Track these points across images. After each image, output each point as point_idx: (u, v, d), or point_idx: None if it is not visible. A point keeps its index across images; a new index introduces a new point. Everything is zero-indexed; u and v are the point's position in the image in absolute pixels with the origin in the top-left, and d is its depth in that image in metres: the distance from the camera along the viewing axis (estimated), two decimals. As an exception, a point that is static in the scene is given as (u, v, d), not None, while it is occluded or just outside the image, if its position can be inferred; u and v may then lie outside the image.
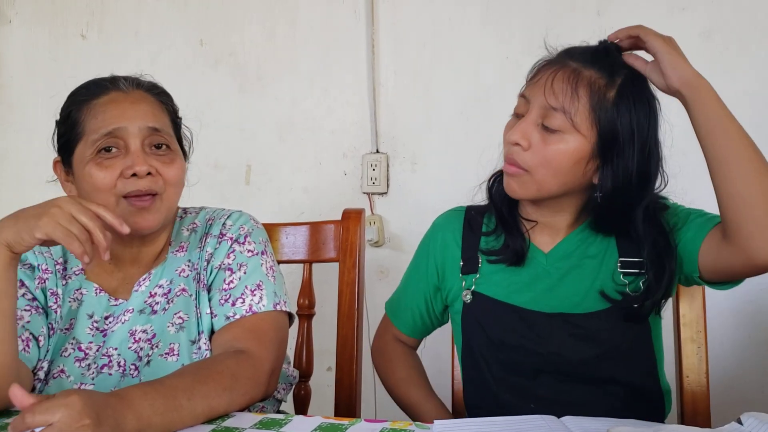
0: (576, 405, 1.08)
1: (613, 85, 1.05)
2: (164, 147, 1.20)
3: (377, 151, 2.16)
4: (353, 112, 2.18)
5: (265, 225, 1.49)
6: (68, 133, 1.20)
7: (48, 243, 1.02)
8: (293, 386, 1.38)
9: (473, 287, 1.18)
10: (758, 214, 0.95)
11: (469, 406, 1.22)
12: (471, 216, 1.24)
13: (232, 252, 1.25)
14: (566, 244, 1.16)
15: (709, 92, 0.99)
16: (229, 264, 1.24)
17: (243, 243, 1.26)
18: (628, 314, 1.10)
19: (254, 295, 1.21)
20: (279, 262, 1.50)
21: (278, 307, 1.22)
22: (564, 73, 1.05)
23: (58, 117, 1.24)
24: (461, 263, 1.21)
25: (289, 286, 1.55)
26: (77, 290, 1.22)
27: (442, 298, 1.26)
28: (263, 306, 1.20)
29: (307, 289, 1.50)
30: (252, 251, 1.26)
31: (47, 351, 1.18)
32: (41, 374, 1.16)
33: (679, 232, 1.10)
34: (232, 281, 1.22)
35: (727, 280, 1.07)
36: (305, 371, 1.47)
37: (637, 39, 1.05)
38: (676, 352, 1.31)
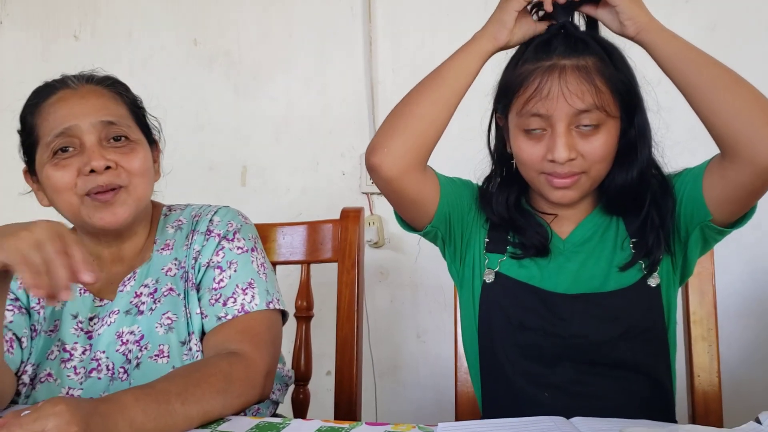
0: (592, 396, 1.07)
1: (606, 57, 1.06)
2: (123, 138, 1.16)
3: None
4: (351, 111, 2.15)
5: (261, 225, 1.45)
6: (27, 140, 1.18)
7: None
8: (288, 387, 1.35)
9: (497, 268, 1.15)
10: (748, 119, 0.95)
11: (482, 394, 1.19)
12: None
13: (221, 249, 1.21)
14: (582, 229, 1.15)
15: (663, 32, 1.01)
16: (218, 262, 1.20)
17: (232, 240, 1.22)
18: (644, 268, 1.10)
19: (246, 294, 1.17)
20: (276, 263, 1.47)
21: (271, 306, 1.19)
22: (573, 75, 1.03)
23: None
24: (486, 240, 1.17)
25: (287, 288, 1.51)
26: None
27: (468, 247, 1.19)
28: (255, 305, 1.17)
29: (304, 291, 1.46)
30: (242, 248, 1.22)
31: (30, 353, 1.15)
32: (26, 378, 1.13)
33: (676, 188, 1.10)
34: (222, 280, 1.19)
35: (740, 210, 1.05)
36: (304, 375, 1.44)
37: None
38: (686, 351, 1.28)
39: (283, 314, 1.25)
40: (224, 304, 1.16)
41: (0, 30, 2.45)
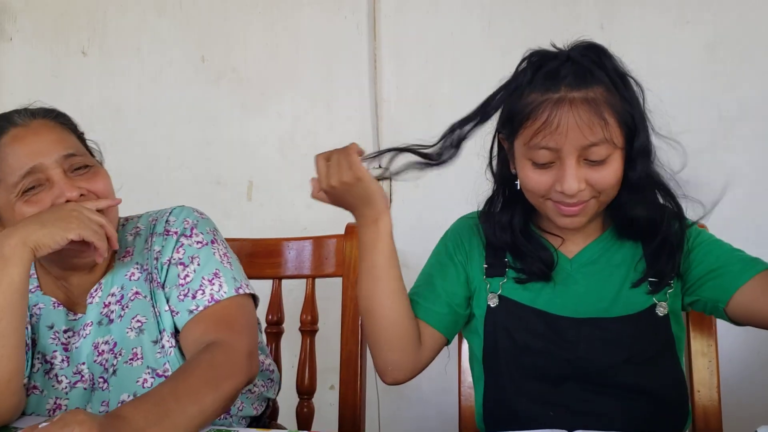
0: (597, 416, 1.07)
1: (612, 86, 1.04)
2: (84, 167, 1.19)
3: (379, 167, 2.14)
4: (356, 128, 2.17)
5: (267, 240, 1.47)
6: None
7: (71, 245, 1.08)
8: (275, 382, 1.35)
9: (500, 291, 1.16)
10: None
11: (484, 415, 1.20)
12: None
13: (180, 246, 1.23)
14: (590, 250, 1.16)
15: None
16: (179, 259, 1.22)
17: (189, 236, 1.24)
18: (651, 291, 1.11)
19: (213, 284, 1.19)
20: (281, 278, 1.48)
21: (240, 291, 1.21)
22: (582, 108, 1.01)
23: None
24: (485, 266, 1.18)
25: (292, 302, 1.53)
26: (34, 306, 1.22)
27: (471, 290, 1.21)
28: (225, 293, 1.19)
29: (309, 305, 1.48)
30: (201, 242, 1.24)
31: (27, 366, 1.17)
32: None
33: (721, 256, 1.10)
34: (187, 275, 1.20)
35: (757, 325, 1.08)
36: (308, 388, 1.45)
37: None
38: (686, 366, 1.29)
39: (255, 299, 1.26)
40: (193, 297, 1.18)
41: (10, 45, 2.48)
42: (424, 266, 1.27)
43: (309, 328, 1.47)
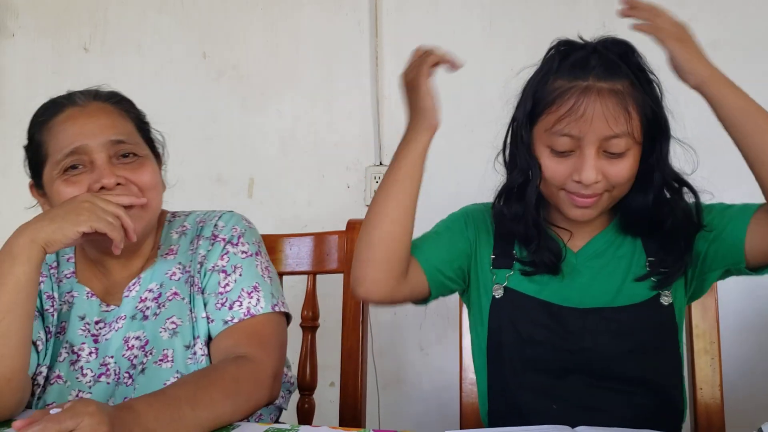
0: (600, 410, 1.07)
1: (637, 82, 1.05)
2: (131, 155, 1.18)
3: (381, 164, 2.15)
4: (356, 125, 2.17)
5: (268, 236, 1.47)
6: (34, 156, 1.19)
7: (86, 237, 1.06)
8: (291, 393, 1.35)
9: (506, 283, 1.16)
10: None
11: (489, 409, 1.19)
12: None
13: (226, 254, 1.22)
14: (595, 243, 1.16)
15: (726, 87, 1.00)
16: (223, 266, 1.21)
17: (236, 244, 1.24)
18: (657, 286, 1.11)
19: (251, 297, 1.19)
20: (282, 274, 1.48)
21: (276, 308, 1.20)
22: (609, 99, 1.02)
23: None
24: (492, 257, 1.18)
25: (293, 298, 1.52)
26: (68, 293, 1.22)
27: (473, 270, 1.20)
28: (261, 308, 1.18)
29: (310, 301, 1.47)
30: (246, 252, 1.24)
31: (45, 355, 1.16)
32: (40, 379, 1.15)
33: (714, 223, 1.10)
34: (227, 284, 1.20)
35: None
36: (309, 384, 1.45)
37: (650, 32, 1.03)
38: (689, 364, 1.29)
39: (288, 317, 1.26)
40: (230, 308, 1.17)
41: (11, 41, 2.48)
42: (432, 228, 1.24)
43: (310, 324, 1.47)
